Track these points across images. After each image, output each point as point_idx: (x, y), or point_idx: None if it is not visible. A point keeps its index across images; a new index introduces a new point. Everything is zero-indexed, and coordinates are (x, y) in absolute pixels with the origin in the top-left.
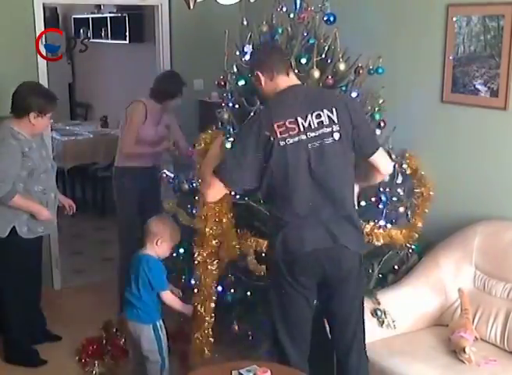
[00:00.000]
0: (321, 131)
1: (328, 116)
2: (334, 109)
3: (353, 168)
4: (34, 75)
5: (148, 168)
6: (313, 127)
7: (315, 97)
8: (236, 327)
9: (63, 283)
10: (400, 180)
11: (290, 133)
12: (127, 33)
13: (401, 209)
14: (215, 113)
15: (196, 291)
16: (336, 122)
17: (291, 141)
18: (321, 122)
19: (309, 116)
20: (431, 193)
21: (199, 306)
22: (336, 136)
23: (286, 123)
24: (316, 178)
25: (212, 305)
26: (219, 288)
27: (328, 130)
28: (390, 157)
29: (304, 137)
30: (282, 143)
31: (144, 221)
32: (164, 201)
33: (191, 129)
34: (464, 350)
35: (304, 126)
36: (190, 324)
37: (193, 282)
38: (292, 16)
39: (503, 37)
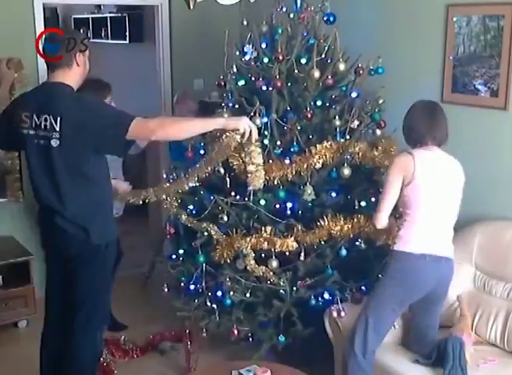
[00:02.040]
0: (45, 134)
1: (51, 123)
2: (59, 118)
3: (88, 171)
4: (34, 75)
5: None
6: (41, 127)
7: (50, 100)
8: (236, 332)
9: None
10: None
11: (23, 125)
12: (127, 33)
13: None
14: (215, 113)
15: None
16: (58, 130)
17: (24, 131)
18: (46, 125)
19: (41, 116)
20: None
21: None
22: (55, 143)
23: (23, 115)
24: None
25: None
26: (219, 293)
27: (50, 134)
28: None
29: (32, 132)
30: (21, 131)
31: None
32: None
33: None
34: (469, 352)
35: (35, 123)
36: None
37: (193, 287)
38: (292, 16)
39: (503, 37)
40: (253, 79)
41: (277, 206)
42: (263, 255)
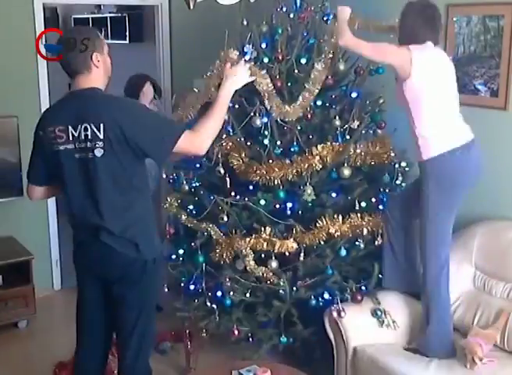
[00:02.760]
0: (86, 144)
1: (94, 131)
2: (101, 125)
3: (135, 181)
4: (34, 75)
5: None
6: (81, 139)
7: (86, 108)
8: (236, 332)
9: (63, 283)
10: (399, 180)
11: (58, 140)
12: (127, 33)
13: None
14: None
15: None
16: (102, 138)
17: (60, 147)
18: (87, 135)
19: (79, 127)
20: None
21: None
22: (99, 152)
23: (56, 130)
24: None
25: None
26: (219, 293)
27: (92, 144)
28: None
29: (70, 146)
30: (55, 148)
31: None
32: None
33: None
34: (479, 358)
35: (73, 136)
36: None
37: (192, 287)
38: (292, 16)
39: (503, 37)
40: None
41: (277, 206)
42: (263, 255)
